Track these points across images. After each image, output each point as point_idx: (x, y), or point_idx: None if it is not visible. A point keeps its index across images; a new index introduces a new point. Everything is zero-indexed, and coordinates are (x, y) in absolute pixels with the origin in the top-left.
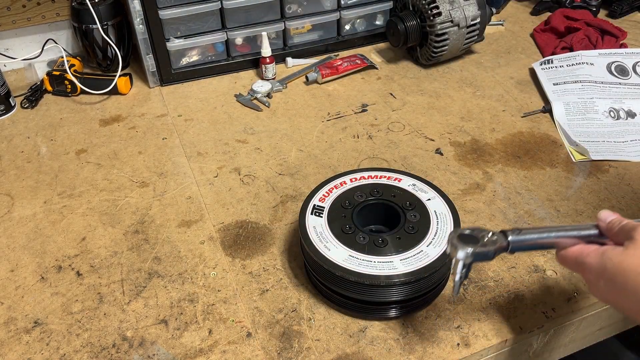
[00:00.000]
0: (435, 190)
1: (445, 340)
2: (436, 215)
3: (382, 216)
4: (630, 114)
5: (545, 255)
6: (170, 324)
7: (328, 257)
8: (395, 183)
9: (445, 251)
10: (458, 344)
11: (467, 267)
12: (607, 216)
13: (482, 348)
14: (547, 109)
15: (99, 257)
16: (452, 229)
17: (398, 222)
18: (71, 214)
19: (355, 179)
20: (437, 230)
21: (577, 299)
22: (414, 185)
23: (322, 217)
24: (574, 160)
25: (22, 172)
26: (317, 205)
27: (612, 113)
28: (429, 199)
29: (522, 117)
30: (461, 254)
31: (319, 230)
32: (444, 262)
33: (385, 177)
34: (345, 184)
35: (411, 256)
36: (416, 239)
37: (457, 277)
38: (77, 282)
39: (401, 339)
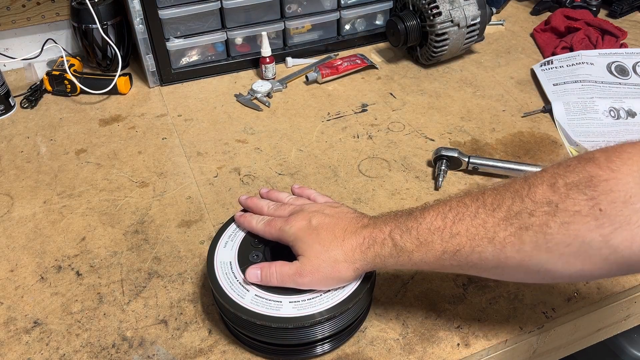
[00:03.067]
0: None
1: (445, 340)
2: None
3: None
4: (631, 114)
5: None
6: (170, 324)
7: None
8: None
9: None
10: (458, 344)
11: (440, 164)
12: None
13: (482, 348)
14: (547, 109)
15: (98, 257)
16: None
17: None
18: (71, 214)
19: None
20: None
21: (577, 299)
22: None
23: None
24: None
25: (21, 172)
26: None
27: (612, 113)
28: None
29: (522, 117)
30: (435, 153)
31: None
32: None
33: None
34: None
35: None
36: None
37: (436, 174)
38: (77, 282)
39: (401, 339)
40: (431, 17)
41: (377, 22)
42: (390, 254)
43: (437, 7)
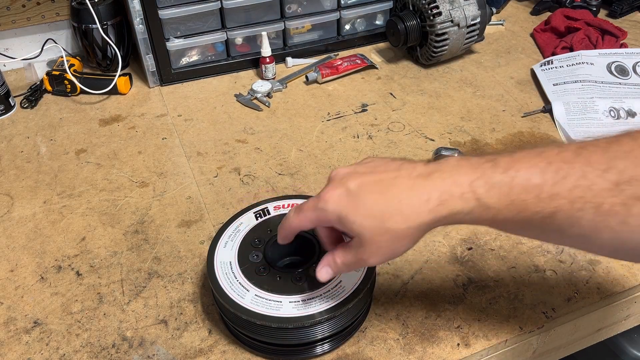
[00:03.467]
0: None
1: (445, 340)
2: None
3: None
4: (631, 114)
5: (545, 255)
6: (170, 324)
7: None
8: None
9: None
10: (458, 344)
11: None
12: None
13: (482, 348)
14: (547, 109)
15: (98, 257)
16: None
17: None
18: (71, 214)
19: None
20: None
21: (577, 299)
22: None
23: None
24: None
25: (21, 172)
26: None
27: (612, 112)
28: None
29: (522, 117)
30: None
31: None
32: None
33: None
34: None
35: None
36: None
37: None
38: (77, 282)
39: (401, 339)
40: (431, 17)
41: (377, 22)
42: (471, 211)
43: (437, 7)
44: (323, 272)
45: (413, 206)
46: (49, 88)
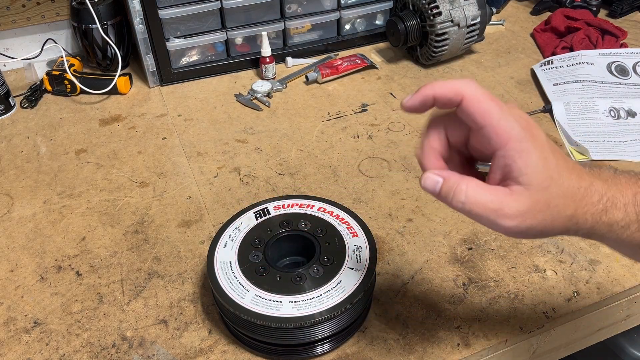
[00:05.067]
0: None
1: (445, 340)
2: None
3: (297, 248)
4: (631, 114)
5: (545, 255)
6: (170, 324)
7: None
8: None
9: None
10: (458, 344)
11: None
12: None
13: (482, 348)
14: (548, 109)
15: (98, 257)
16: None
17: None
18: (71, 214)
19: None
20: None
21: (577, 299)
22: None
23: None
24: (574, 160)
25: (21, 172)
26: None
27: (612, 112)
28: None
29: None
30: None
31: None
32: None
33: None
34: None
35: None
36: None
37: None
38: (77, 282)
39: (401, 339)
40: (431, 17)
41: (377, 22)
42: (627, 225)
43: (437, 7)
44: (430, 178)
45: (582, 197)
46: (49, 88)
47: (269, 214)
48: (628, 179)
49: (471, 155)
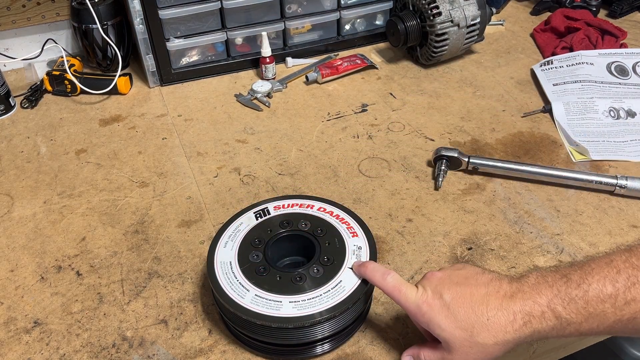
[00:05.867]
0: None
1: None
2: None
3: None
4: (630, 114)
5: (545, 255)
6: (170, 324)
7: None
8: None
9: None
10: None
11: (440, 164)
12: None
13: None
14: (547, 109)
15: (98, 257)
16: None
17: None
18: (71, 214)
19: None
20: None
21: None
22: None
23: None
24: (574, 160)
25: (21, 172)
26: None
27: (612, 112)
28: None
29: (522, 117)
30: (435, 153)
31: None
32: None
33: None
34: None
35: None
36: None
37: (436, 174)
38: (77, 282)
39: (401, 339)
40: (431, 17)
41: (377, 22)
42: (553, 328)
43: (437, 7)
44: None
45: (500, 325)
46: (49, 88)
47: (269, 214)
48: (545, 285)
49: None
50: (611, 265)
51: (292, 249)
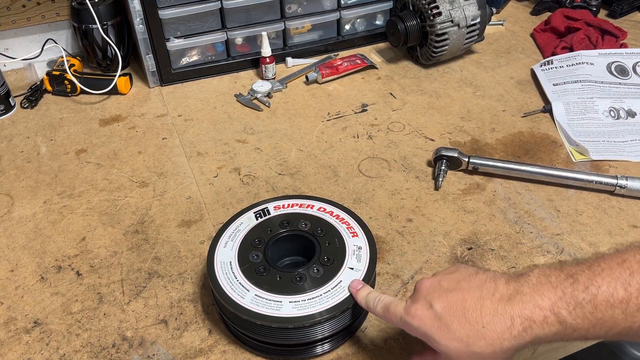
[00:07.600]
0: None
1: None
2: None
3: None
4: (631, 114)
5: (545, 255)
6: (170, 324)
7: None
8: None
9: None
10: None
11: (440, 164)
12: None
13: None
14: (547, 109)
15: (98, 257)
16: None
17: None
18: (71, 214)
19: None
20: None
21: None
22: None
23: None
24: (574, 160)
25: (21, 172)
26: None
27: (612, 112)
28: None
29: (522, 117)
30: (435, 153)
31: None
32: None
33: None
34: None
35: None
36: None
37: (436, 174)
38: (77, 282)
39: (401, 339)
40: (431, 17)
41: (377, 22)
42: (557, 334)
43: (437, 7)
44: None
45: (496, 332)
46: (49, 88)
47: (269, 214)
48: (549, 286)
49: None
50: (623, 266)
51: (292, 249)
